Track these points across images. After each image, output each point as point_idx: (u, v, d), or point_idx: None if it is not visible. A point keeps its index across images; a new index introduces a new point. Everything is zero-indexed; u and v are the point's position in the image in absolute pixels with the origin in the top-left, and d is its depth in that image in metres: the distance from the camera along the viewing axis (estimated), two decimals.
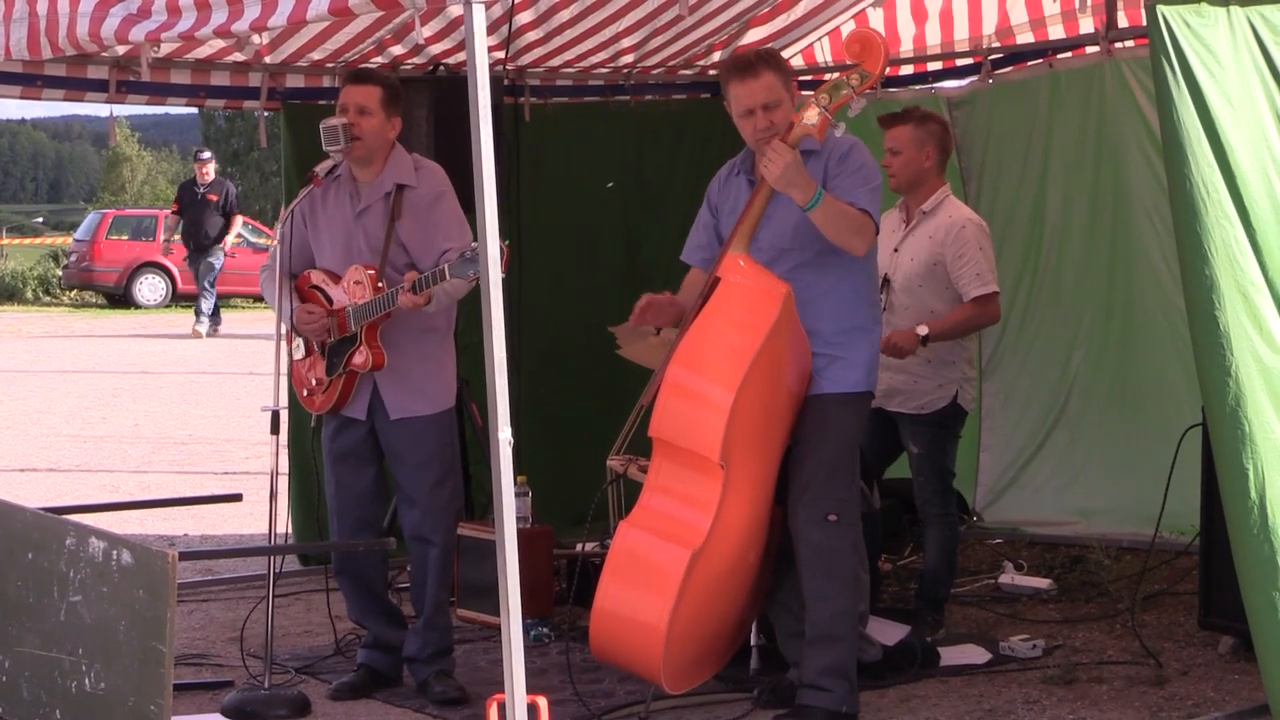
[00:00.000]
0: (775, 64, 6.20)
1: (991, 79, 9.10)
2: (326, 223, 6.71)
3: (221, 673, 6.91)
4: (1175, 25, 5.69)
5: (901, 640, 6.93)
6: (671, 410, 5.97)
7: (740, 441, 5.92)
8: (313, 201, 6.73)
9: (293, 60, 8.60)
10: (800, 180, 5.92)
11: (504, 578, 4.83)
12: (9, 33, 6.41)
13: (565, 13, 8.61)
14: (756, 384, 5.92)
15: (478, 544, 7.45)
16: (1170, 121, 5.68)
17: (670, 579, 5.87)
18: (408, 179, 6.62)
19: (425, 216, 6.59)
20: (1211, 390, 5.66)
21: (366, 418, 6.65)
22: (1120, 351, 8.84)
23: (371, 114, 6.55)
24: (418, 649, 6.65)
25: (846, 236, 6.01)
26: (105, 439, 13.84)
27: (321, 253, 6.73)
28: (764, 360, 5.93)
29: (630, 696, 6.40)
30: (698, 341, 6.01)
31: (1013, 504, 9.37)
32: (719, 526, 5.93)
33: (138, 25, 5.81)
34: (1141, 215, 8.60)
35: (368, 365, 6.55)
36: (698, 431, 5.92)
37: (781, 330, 5.99)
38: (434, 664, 6.64)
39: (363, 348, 6.55)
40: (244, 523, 9.78)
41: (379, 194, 6.61)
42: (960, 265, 7.25)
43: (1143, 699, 6.45)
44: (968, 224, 7.34)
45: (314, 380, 6.72)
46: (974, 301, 7.24)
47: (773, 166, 5.88)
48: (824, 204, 5.93)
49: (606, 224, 9.42)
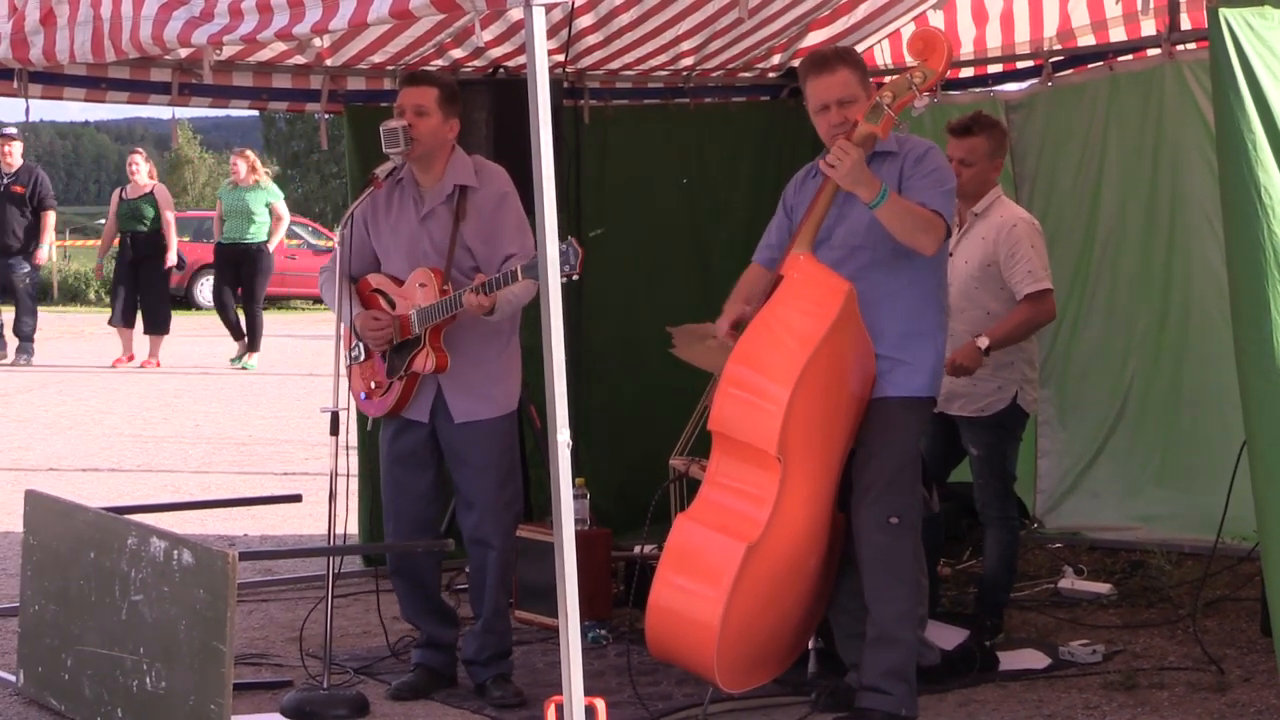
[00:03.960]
0: (852, 61, 6.23)
1: (1051, 82, 9.07)
2: (390, 227, 6.71)
3: (281, 672, 6.93)
4: (1238, 27, 5.64)
5: (960, 645, 6.91)
6: (730, 404, 6.00)
7: (798, 436, 5.92)
8: (375, 205, 6.74)
9: (354, 63, 8.62)
10: (865, 177, 5.93)
11: (562, 580, 4.83)
12: (73, 36, 6.45)
13: (625, 16, 8.61)
14: (815, 379, 5.92)
15: (536, 546, 7.44)
16: (1229, 123, 5.63)
17: (725, 572, 5.88)
18: (469, 180, 6.61)
19: (489, 218, 6.58)
20: (1254, 398, 5.62)
21: (428, 420, 6.64)
22: (1179, 357, 8.77)
23: (429, 114, 6.55)
24: (476, 651, 6.65)
25: (914, 235, 6.01)
26: (166, 439, 13.91)
27: (387, 257, 6.73)
28: (823, 356, 5.94)
29: (688, 699, 6.40)
30: (757, 337, 6.04)
31: (1073, 510, 9.33)
32: (776, 521, 5.94)
33: (200, 28, 5.84)
34: (1201, 219, 8.53)
35: (430, 368, 6.54)
36: (755, 425, 5.94)
37: (843, 327, 5.99)
38: (492, 667, 6.64)
39: (426, 350, 6.54)
40: (303, 523, 9.81)
41: (441, 197, 6.61)
42: (1013, 264, 7.23)
43: (1204, 705, 6.41)
44: (1019, 222, 7.32)
45: (373, 383, 6.72)
46: (1027, 300, 7.22)
47: (839, 165, 5.89)
48: (889, 202, 5.94)
49: (669, 225, 9.41)
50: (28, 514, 6.82)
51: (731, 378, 6.02)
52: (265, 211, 18.73)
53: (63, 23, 6.52)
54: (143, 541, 6.14)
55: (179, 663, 5.91)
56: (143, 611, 6.08)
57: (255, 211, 18.64)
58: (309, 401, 15.64)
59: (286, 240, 33.67)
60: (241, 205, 18.71)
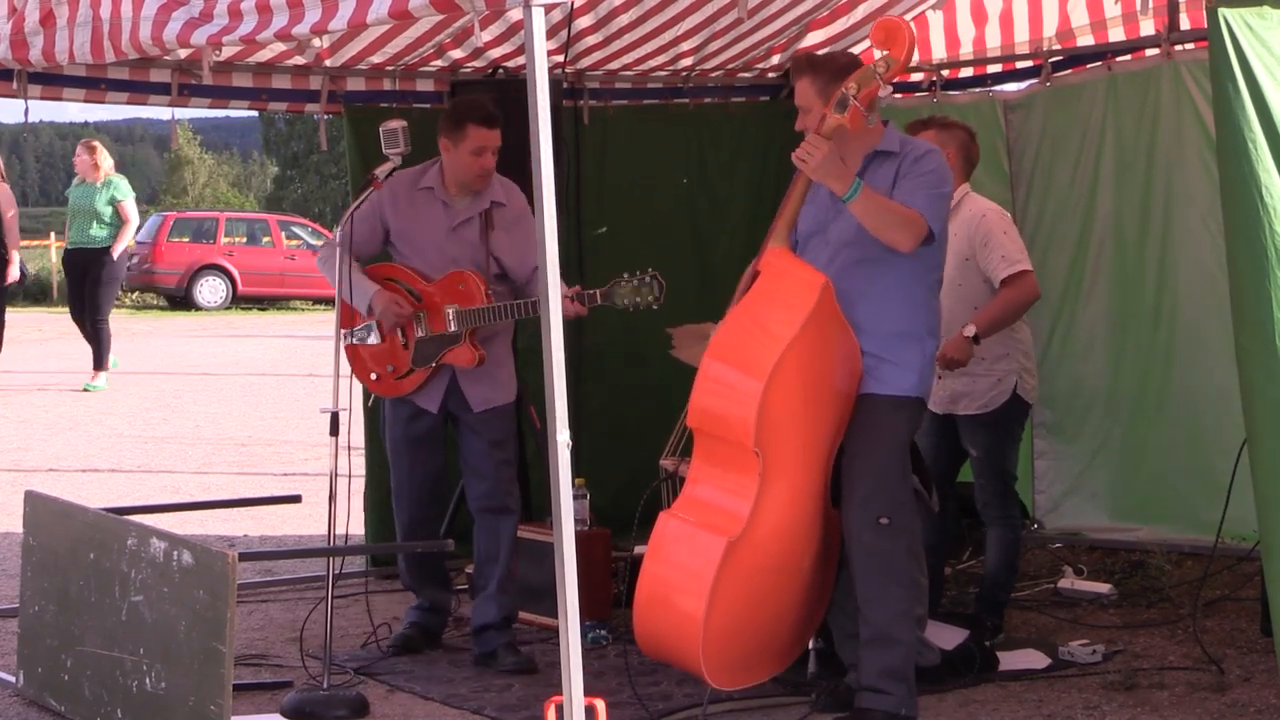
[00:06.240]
0: (814, 70, 6.22)
1: (1050, 82, 9.08)
2: (413, 226, 7.09)
3: (281, 673, 6.94)
4: (1237, 27, 5.64)
5: (960, 644, 6.91)
6: (706, 399, 6.05)
7: (775, 429, 5.94)
8: (395, 203, 7.08)
9: (353, 63, 8.64)
10: (837, 171, 5.97)
11: (562, 580, 4.84)
12: (73, 37, 6.47)
13: (624, 16, 8.62)
14: (792, 372, 5.94)
15: (536, 546, 7.45)
16: (1229, 123, 5.63)
17: (707, 568, 5.91)
18: (500, 196, 7.08)
19: (514, 231, 7.04)
20: (1257, 397, 5.63)
21: (439, 409, 7.06)
22: (1174, 358, 8.75)
23: (497, 152, 7.02)
24: (494, 615, 7.04)
25: (889, 231, 6.01)
26: (166, 440, 13.92)
27: (415, 255, 7.09)
28: (800, 349, 5.95)
29: (688, 699, 6.40)
30: (732, 331, 6.09)
31: (1073, 510, 9.33)
32: (758, 516, 5.97)
33: (199, 29, 5.85)
34: (1196, 220, 8.51)
35: (472, 363, 6.97)
36: (731, 419, 5.98)
37: (820, 321, 6.00)
38: (505, 632, 7.04)
39: (466, 346, 6.96)
40: (303, 524, 9.82)
41: (475, 210, 7.05)
42: (988, 252, 7.25)
43: (1204, 705, 6.42)
44: (988, 213, 7.35)
45: (389, 367, 7.09)
46: (1005, 284, 7.23)
47: (809, 158, 5.95)
48: (863, 196, 5.97)
49: (669, 225, 9.41)
50: (27, 515, 6.84)
51: (707, 373, 6.06)
52: (111, 211, 16.28)
53: (62, 24, 6.53)
54: (142, 542, 6.15)
55: (179, 663, 5.91)
56: (142, 612, 6.09)
57: (100, 211, 16.25)
58: (309, 402, 15.67)
59: (286, 240, 33.84)
60: (86, 204, 16.30)
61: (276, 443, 13.72)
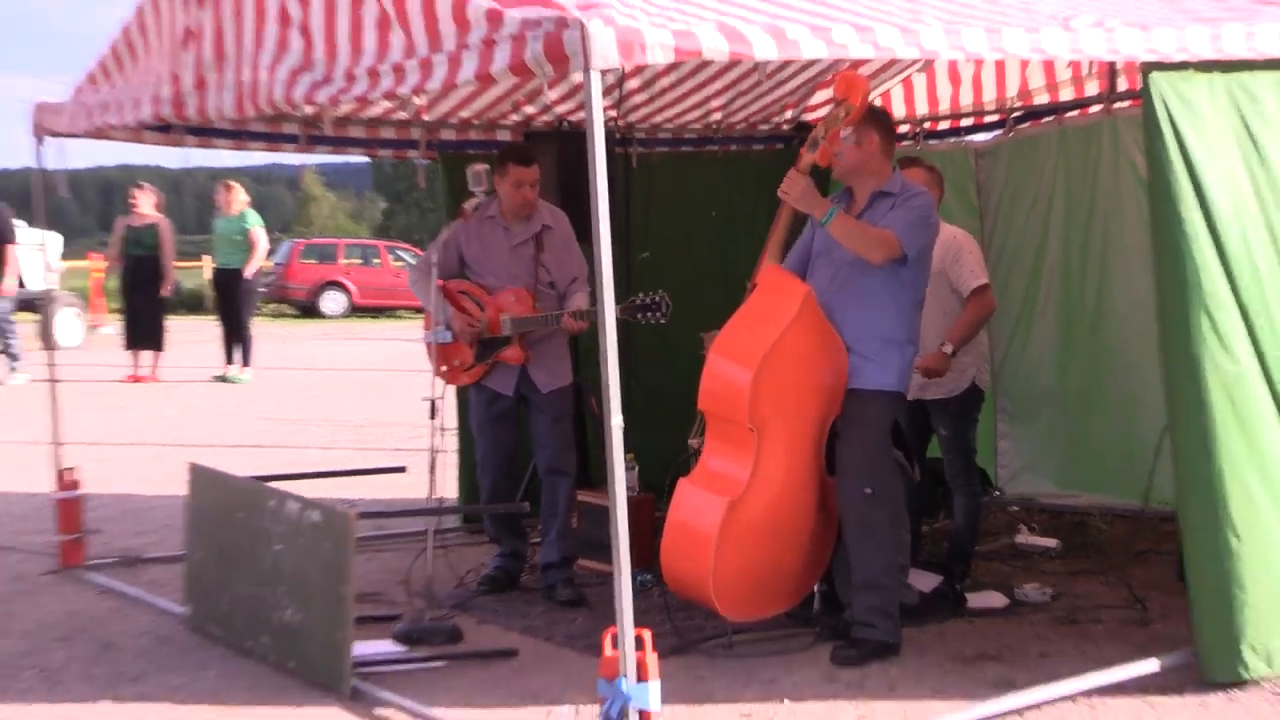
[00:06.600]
0: None
1: (1012, 133, 9.06)
2: (482, 248, 7.22)
3: (392, 608, 6.97)
4: (1166, 90, 5.65)
5: (936, 588, 6.92)
6: (710, 385, 6.12)
7: (767, 409, 6.01)
8: (467, 232, 7.20)
9: (446, 118, 8.67)
10: (814, 200, 6.05)
11: (616, 536, 4.86)
12: (222, 98, 6.51)
13: (666, 79, 8.64)
14: (778, 364, 6.00)
15: (595, 508, 7.50)
16: (1159, 169, 5.63)
17: (714, 521, 5.99)
18: (549, 221, 7.20)
19: (560, 250, 7.20)
20: (1179, 393, 5.62)
21: (512, 393, 7.17)
22: (1109, 362, 8.68)
23: (537, 184, 7.15)
24: (555, 556, 7.15)
25: (863, 247, 6.02)
26: (298, 422, 13.97)
27: (481, 271, 7.22)
28: (785, 345, 6.01)
29: (716, 630, 6.42)
30: (731, 332, 6.16)
31: (1027, 481, 9.30)
32: (755, 480, 6.04)
33: (322, 89, 5.88)
34: (1128, 252, 8.43)
35: (519, 360, 7.12)
36: (730, 402, 6.05)
37: (802, 323, 6.05)
38: (564, 569, 7.14)
39: (515, 347, 7.12)
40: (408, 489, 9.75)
41: (529, 233, 7.18)
42: (959, 268, 7.23)
43: (1131, 636, 6.43)
44: (956, 235, 7.33)
45: (457, 361, 7.19)
46: (974, 295, 7.21)
47: (790, 191, 6.02)
48: (837, 219, 6.02)
49: (701, 250, 9.39)
50: (190, 482, 6.90)
51: (711, 366, 6.12)
52: (244, 238, 16.45)
53: (213, 88, 6.57)
54: (280, 504, 6.20)
55: (311, 601, 5.96)
56: (281, 560, 6.14)
57: (236, 239, 16.51)
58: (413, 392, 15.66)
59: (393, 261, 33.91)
60: (225, 233, 16.55)
61: (387, 424, 13.75)
